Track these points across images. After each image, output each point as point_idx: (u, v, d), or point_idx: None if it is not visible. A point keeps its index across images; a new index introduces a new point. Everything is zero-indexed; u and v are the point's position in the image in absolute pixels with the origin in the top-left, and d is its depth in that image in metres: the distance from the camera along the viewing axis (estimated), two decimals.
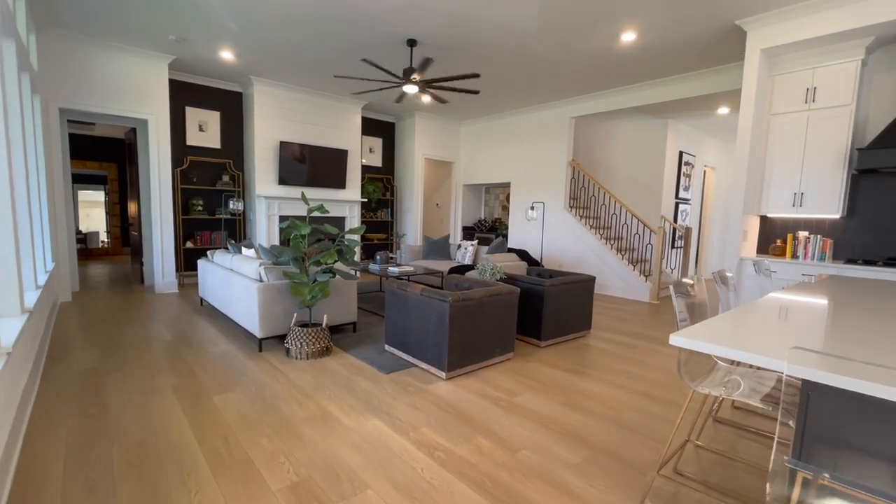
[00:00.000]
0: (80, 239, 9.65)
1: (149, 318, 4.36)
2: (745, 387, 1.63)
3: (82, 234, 9.76)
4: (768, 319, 1.51)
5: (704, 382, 1.67)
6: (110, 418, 2.29)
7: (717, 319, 1.47)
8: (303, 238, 3.33)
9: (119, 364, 3.07)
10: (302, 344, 3.26)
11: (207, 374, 2.93)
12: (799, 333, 1.29)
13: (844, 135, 3.81)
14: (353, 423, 2.32)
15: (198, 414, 2.37)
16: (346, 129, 7.21)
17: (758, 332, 1.30)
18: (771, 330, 1.33)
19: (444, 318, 2.89)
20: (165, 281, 5.64)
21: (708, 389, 1.59)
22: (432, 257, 6.41)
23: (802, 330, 1.34)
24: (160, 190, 5.50)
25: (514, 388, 2.85)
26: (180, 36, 4.68)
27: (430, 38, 4.51)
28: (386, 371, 3.06)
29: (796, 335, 1.27)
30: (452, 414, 2.46)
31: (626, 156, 7.44)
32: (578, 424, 2.38)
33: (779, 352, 1.08)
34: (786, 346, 1.15)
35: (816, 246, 4.01)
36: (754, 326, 1.38)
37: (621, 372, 3.22)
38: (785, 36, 3.79)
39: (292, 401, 2.56)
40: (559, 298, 3.78)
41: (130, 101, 5.17)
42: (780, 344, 1.16)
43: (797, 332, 1.31)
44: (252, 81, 6.13)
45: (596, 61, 5.06)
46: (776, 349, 1.11)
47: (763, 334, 1.28)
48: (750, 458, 2.09)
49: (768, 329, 1.34)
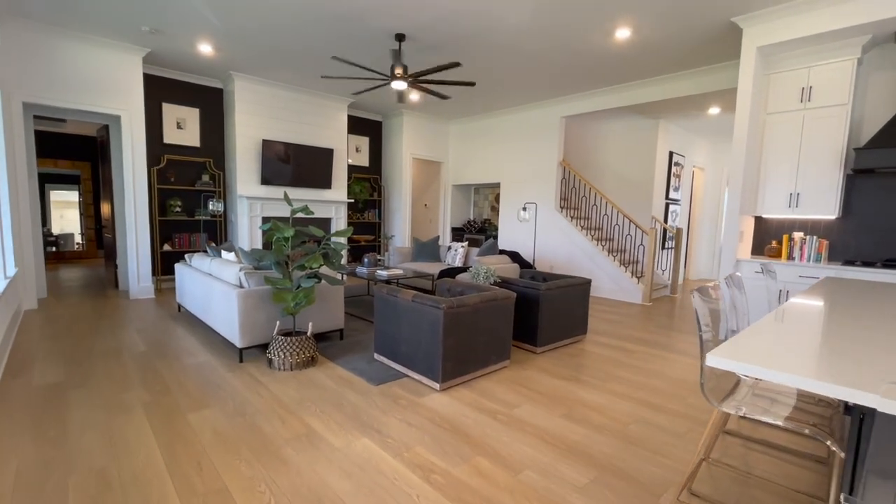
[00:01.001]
0: (51, 242, 9.21)
1: (121, 326, 4.09)
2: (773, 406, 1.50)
3: (53, 236, 9.31)
4: (814, 334, 1.34)
5: (731, 401, 1.54)
6: (70, 442, 2.07)
7: (754, 334, 1.32)
8: (286, 241, 3.13)
9: (84, 378, 2.83)
10: (285, 354, 3.06)
11: (182, 389, 2.71)
12: (867, 356, 1.12)
13: (840, 134, 3.76)
14: (341, 442, 2.14)
15: (169, 435, 2.16)
16: (332, 128, 6.99)
17: (816, 353, 1.14)
18: (833, 350, 1.16)
19: (437, 325, 2.73)
20: (141, 286, 5.35)
21: (735, 409, 1.45)
22: (422, 259, 6.24)
23: (865, 351, 1.18)
24: (135, 190, 5.22)
25: (512, 399, 2.70)
26: (154, 27, 4.42)
27: (419, 32, 4.34)
28: (376, 382, 2.88)
29: (866, 358, 1.10)
30: (448, 430, 2.29)
31: (617, 156, 7.38)
32: (582, 440, 2.24)
33: (862, 381, 0.92)
34: (857, 370, 1.00)
35: (812, 247, 3.95)
36: (808, 345, 1.21)
37: (621, 379, 3.09)
38: (781, 33, 3.72)
39: (274, 418, 2.37)
40: (555, 302, 3.65)
41: (101, 95, 4.88)
42: (850, 369, 1.01)
43: (862, 353, 1.15)
44: (233, 77, 5.88)
45: (589, 59, 4.95)
46: (857, 378, 0.94)
47: (827, 356, 1.12)
48: (765, 474, 1.98)
49: (830, 349, 1.18)
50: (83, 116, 5.03)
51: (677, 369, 3.34)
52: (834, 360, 1.09)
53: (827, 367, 1.02)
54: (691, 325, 4.75)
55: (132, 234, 5.25)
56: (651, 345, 3.96)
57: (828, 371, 0.99)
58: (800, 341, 1.25)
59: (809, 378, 0.94)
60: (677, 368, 3.36)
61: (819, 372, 0.99)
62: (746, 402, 1.53)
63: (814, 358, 1.10)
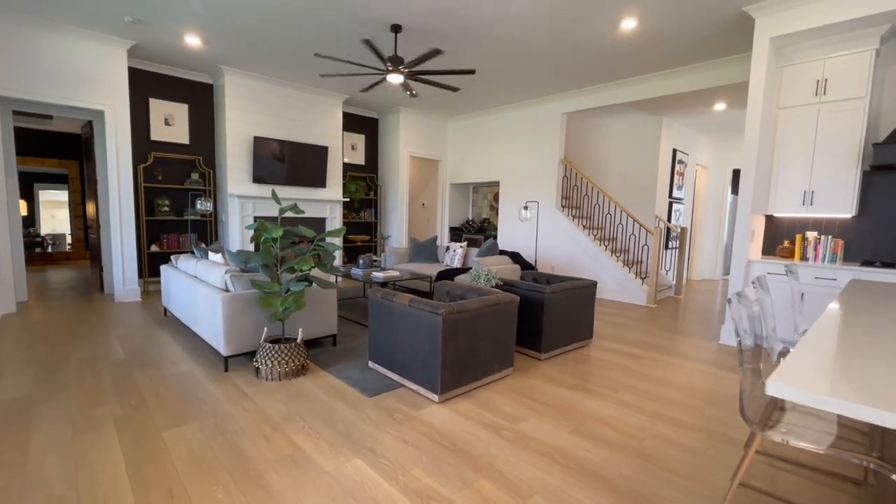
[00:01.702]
0: (38, 242, 8.96)
1: (102, 331, 3.88)
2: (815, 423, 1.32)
3: (41, 237, 9.06)
4: (885, 351, 1.14)
5: (779, 426, 1.34)
6: (29, 467, 1.86)
7: (811, 351, 1.12)
8: (274, 242, 2.93)
9: (55, 391, 2.62)
10: (273, 363, 2.86)
11: (160, 403, 2.51)
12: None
13: (857, 129, 3.59)
14: (331, 464, 1.94)
15: (140, 456, 1.96)
16: (327, 125, 6.78)
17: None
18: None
19: (436, 332, 2.53)
20: (127, 289, 5.13)
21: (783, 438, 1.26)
22: (419, 260, 6.04)
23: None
24: (119, 188, 5.00)
25: (517, 412, 2.51)
26: (137, 17, 4.21)
27: (416, 23, 4.14)
28: (370, 393, 2.68)
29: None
30: (448, 448, 2.10)
31: (619, 154, 7.20)
32: (595, 458, 2.05)
33: None
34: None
35: (827, 247, 3.77)
36: (886, 366, 1.01)
37: (632, 389, 2.91)
38: (796, 23, 3.54)
39: (258, 436, 2.17)
40: (560, 306, 3.46)
41: (83, 89, 4.66)
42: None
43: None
44: (223, 72, 5.66)
45: (593, 52, 4.76)
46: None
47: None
48: (798, 498, 1.79)
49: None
50: (64, 112, 4.81)
51: (689, 377, 3.16)
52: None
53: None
54: (699, 329, 4.57)
55: (117, 234, 5.02)
56: (659, 350, 3.78)
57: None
58: (876, 363, 1.05)
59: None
60: (689, 376, 3.18)
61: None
62: (791, 425, 1.35)
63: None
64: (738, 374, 3.24)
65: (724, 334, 4.08)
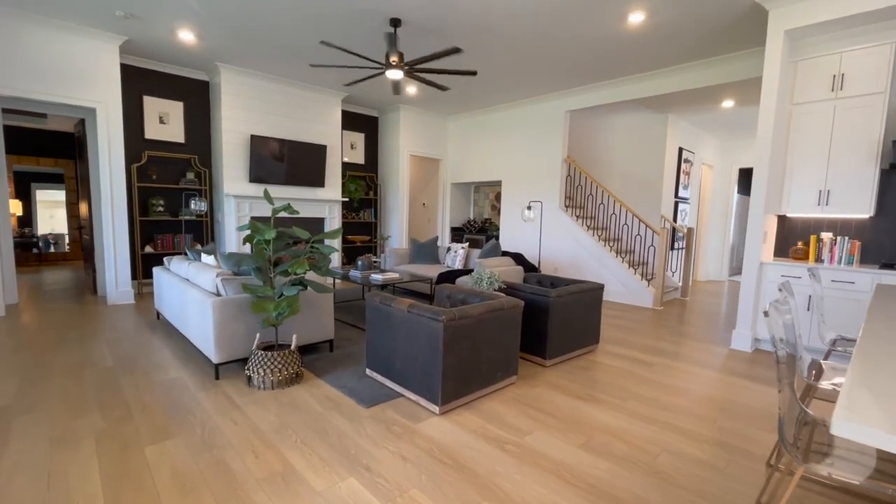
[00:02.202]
0: (34, 243, 8.84)
1: (91, 336, 3.75)
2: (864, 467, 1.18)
3: (36, 237, 8.95)
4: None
5: (823, 462, 1.20)
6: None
7: (874, 376, 0.98)
8: (266, 243, 2.79)
9: (35, 401, 2.49)
10: (266, 371, 2.72)
11: (145, 414, 2.38)
12: None
13: (876, 126, 3.44)
14: (323, 483, 1.81)
15: (119, 475, 1.82)
16: (325, 123, 6.64)
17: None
18: None
19: (436, 340, 2.40)
20: (119, 291, 5.01)
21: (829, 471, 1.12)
22: (420, 261, 5.91)
23: None
24: (112, 188, 4.87)
25: (523, 424, 2.37)
26: (128, 11, 4.07)
27: (416, 17, 4.00)
28: (367, 404, 2.55)
29: None
30: (450, 466, 1.96)
31: (624, 153, 7.05)
32: (606, 476, 1.91)
33: None
34: None
35: (844, 248, 3.63)
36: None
37: (641, 398, 2.77)
38: (812, 15, 3.40)
39: (247, 451, 2.03)
40: (566, 311, 3.32)
41: (73, 86, 4.53)
42: None
43: None
44: (219, 69, 5.53)
45: (598, 47, 4.62)
46: None
47: None
48: None
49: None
50: (54, 109, 4.68)
51: (701, 385, 3.02)
52: None
53: None
54: (708, 333, 4.42)
55: (109, 235, 4.90)
56: (668, 355, 3.64)
57: None
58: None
59: None
60: (701, 384, 3.03)
61: None
62: (835, 458, 1.21)
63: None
64: (752, 381, 3.10)
65: (735, 339, 3.93)
